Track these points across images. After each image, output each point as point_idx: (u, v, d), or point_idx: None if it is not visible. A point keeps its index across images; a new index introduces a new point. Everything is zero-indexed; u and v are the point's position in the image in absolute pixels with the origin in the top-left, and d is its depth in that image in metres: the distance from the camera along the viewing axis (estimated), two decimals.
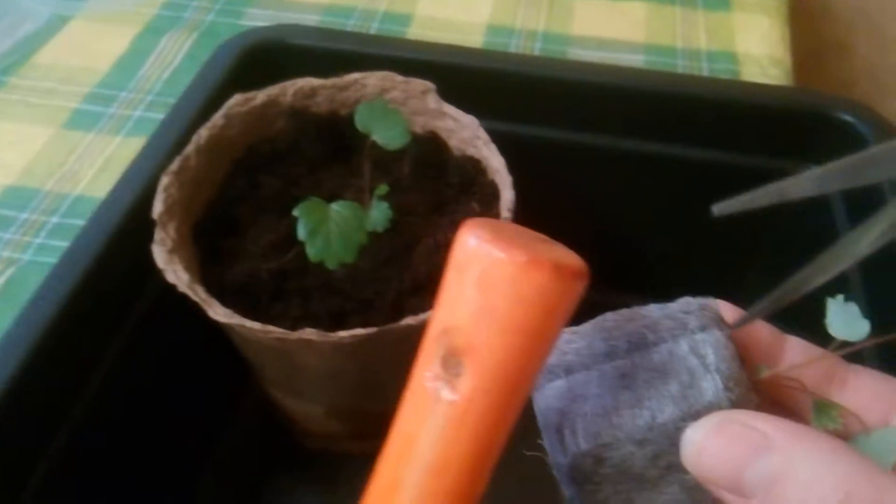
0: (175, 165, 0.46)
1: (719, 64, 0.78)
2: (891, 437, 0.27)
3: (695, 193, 0.54)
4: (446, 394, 0.24)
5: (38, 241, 0.61)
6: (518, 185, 0.46)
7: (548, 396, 0.27)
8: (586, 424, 0.26)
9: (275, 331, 0.40)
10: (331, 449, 0.53)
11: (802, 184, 0.28)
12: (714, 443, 0.24)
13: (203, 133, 0.48)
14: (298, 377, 0.46)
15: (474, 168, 0.49)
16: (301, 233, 0.38)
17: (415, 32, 0.79)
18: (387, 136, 0.43)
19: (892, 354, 0.35)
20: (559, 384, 0.27)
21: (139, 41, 0.79)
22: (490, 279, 0.23)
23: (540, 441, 0.29)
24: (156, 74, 0.76)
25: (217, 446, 0.53)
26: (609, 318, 0.28)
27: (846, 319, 0.28)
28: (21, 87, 0.75)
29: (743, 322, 0.28)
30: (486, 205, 0.47)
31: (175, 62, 0.77)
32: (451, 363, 0.24)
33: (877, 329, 0.28)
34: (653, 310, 0.28)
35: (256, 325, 0.40)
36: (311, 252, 0.38)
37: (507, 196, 0.45)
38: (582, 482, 0.26)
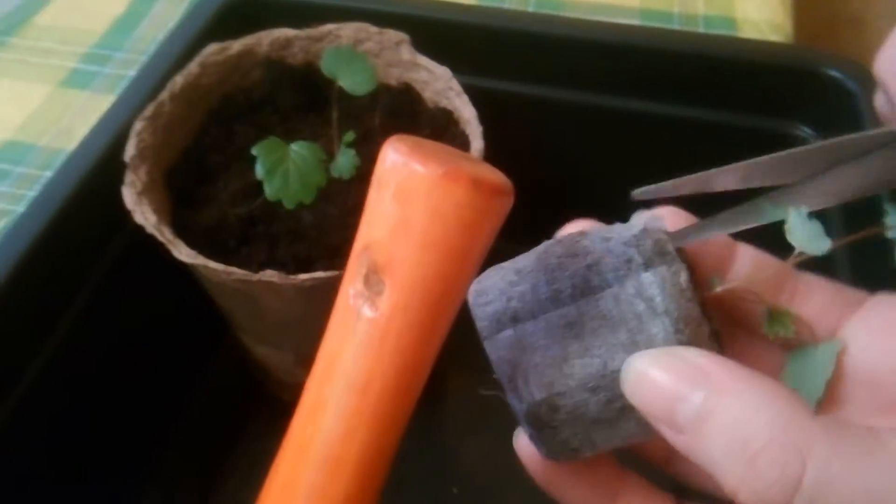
0: (149, 111, 0.46)
1: (717, 29, 0.76)
2: (829, 352, 0.27)
3: (678, 152, 0.54)
4: (367, 311, 0.24)
5: (31, 194, 0.62)
6: (491, 139, 0.45)
7: (498, 347, 0.27)
8: (538, 375, 0.26)
9: (237, 272, 0.40)
10: None
11: (726, 176, 0.28)
12: (652, 374, 0.24)
13: (178, 80, 0.48)
14: (265, 323, 0.46)
15: (446, 119, 0.48)
16: (259, 171, 0.38)
17: None
18: (353, 82, 0.42)
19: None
20: (507, 334, 0.27)
21: (136, 4, 0.80)
22: (407, 192, 0.23)
23: (496, 377, 0.29)
24: (150, 35, 0.77)
25: (193, 398, 0.53)
26: (552, 251, 0.28)
27: (808, 232, 0.27)
28: (20, 46, 0.76)
29: (686, 238, 0.28)
30: None
31: (170, 24, 0.77)
32: (373, 281, 0.24)
33: None
34: (596, 241, 0.27)
35: (219, 267, 0.40)
36: (269, 191, 0.38)
37: (477, 146, 0.45)
38: (540, 427, 0.26)
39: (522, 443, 0.29)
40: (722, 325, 0.28)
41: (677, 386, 0.23)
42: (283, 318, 0.44)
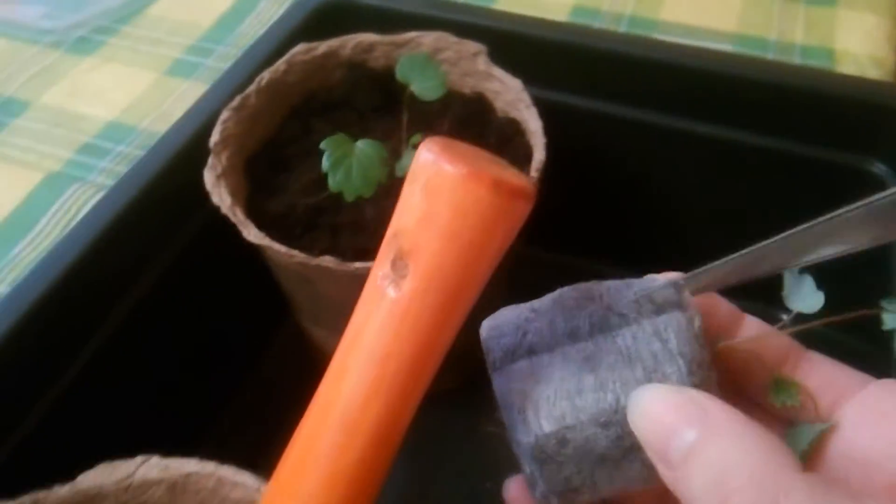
0: (235, 102, 0.50)
1: (814, 60, 0.74)
2: (815, 430, 0.28)
3: (747, 180, 0.55)
4: (391, 291, 0.27)
5: None
6: (557, 152, 0.47)
7: (511, 377, 0.28)
8: (550, 407, 0.27)
9: (298, 255, 0.43)
10: None
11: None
12: (656, 406, 0.25)
13: (265, 76, 0.51)
14: (322, 307, 0.49)
15: (513, 129, 0.51)
16: (325, 164, 0.41)
17: (500, 8, 0.81)
18: (424, 87, 0.45)
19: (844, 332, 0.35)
20: (522, 365, 0.28)
21: (241, 1, 0.84)
22: (434, 188, 0.25)
23: (498, 416, 0.31)
24: (252, 32, 0.81)
25: (250, 375, 0.56)
26: (568, 294, 0.29)
27: (802, 292, 0.29)
28: (132, 35, 0.82)
29: (699, 280, 0.29)
30: (518, 164, 0.48)
31: (271, 22, 0.81)
32: (399, 265, 0.27)
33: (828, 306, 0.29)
34: (612, 288, 0.29)
35: (283, 249, 0.43)
36: (332, 182, 0.41)
37: (538, 157, 0.47)
38: (544, 461, 0.27)
39: (513, 491, 0.30)
40: (724, 391, 0.28)
41: (675, 420, 0.24)
42: (339, 303, 0.47)
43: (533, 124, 0.49)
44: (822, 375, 0.29)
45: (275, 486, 0.29)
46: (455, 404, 0.57)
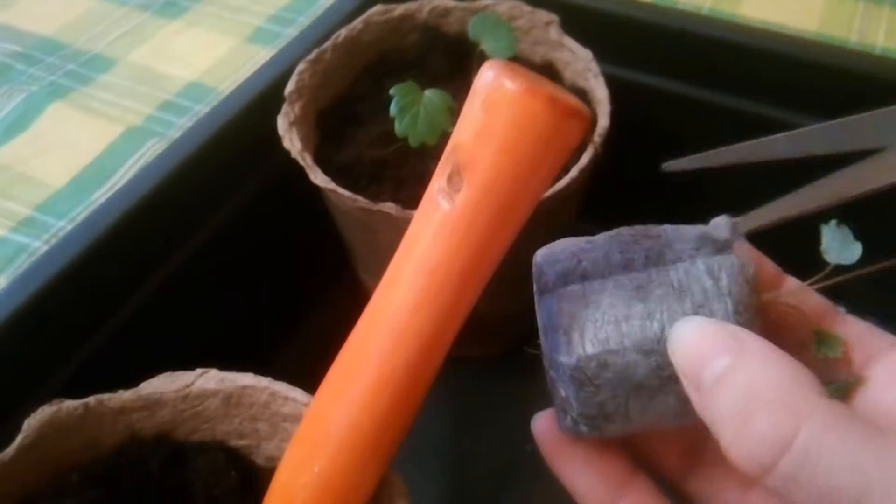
0: (312, 56, 0.52)
1: None
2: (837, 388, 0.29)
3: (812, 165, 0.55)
4: (444, 204, 0.28)
5: None
6: (620, 127, 0.48)
7: (561, 298, 0.28)
8: (596, 330, 0.27)
9: (360, 200, 0.45)
10: None
11: (765, 148, 0.29)
12: (693, 336, 0.26)
13: (342, 33, 0.53)
14: (381, 257, 0.50)
15: (579, 98, 0.52)
16: (392, 109, 0.43)
17: None
18: (494, 47, 0.46)
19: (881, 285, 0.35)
20: (574, 288, 0.28)
21: None
22: (493, 102, 0.27)
23: (537, 343, 0.31)
24: (331, 4, 0.83)
25: (304, 325, 0.58)
26: (625, 232, 0.30)
27: (840, 243, 0.29)
28: (217, 2, 0.85)
29: (755, 221, 0.29)
30: None
31: None
32: (455, 179, 0.28)
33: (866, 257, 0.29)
34: (669, 230, 0.29)
35: (346, 193, 0.45)
36: (398, 127, 0.43)
37: (603, 123, 0.48)
38: (582, 383, 0.28)
39: (540, 422, 0.32)
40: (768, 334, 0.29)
41: (711, 348, 0.25)
42: None
43: (599, 93, 0.50)
44: (854, 335, 0.30)
45: (325, 388, 0.31)
46: (498, 371, 0.58)
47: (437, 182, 0.28)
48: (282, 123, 0.48)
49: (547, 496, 0.52)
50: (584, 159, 0.46)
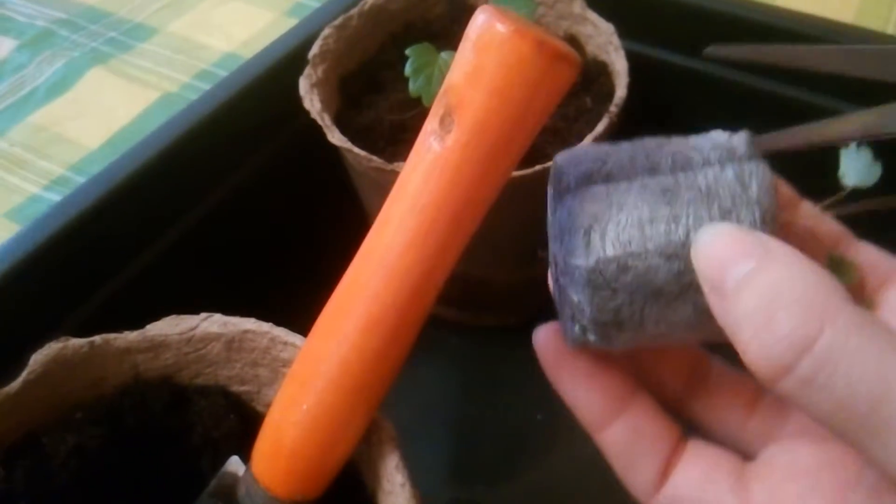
0: (338, 21, 0.53)
1: None
2: None
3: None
4: (435, 145, 0.28)
5: None
6: (641, 101, 0.48)
7: (584, 198, 0.27)
8: (618, 231, 0.26)
9: (375, 160, 0.45)
10: None
11: (819, 56, 0.29)
12: (719, 240, 0.25)
13: (369, 1, 0.54)
14: None
15: (599, 69, 0.52)
16: (407, 69, 0.43)
17: None
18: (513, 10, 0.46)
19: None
20: (598, 189, 0.27)
21: None
22: (484, 44, 0.27)
23: (544, 252, 0.32)
24: None
25: (319, 285, 0.58)
26: (650, 140, 0.29)
27: (859, 166, 0.29)
28: None
29: (774, 141, 0.29)
30: (599, 101, 0.50)
31: None
32: (446, 121, 0.28)
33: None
34: (696, 137, 0.28)
35: (362, 153, 0.46)
36: (412, 87, 0.43)
37: (620, 94, 0.48)
38: (598, 287, 0.27)
39: (542, 335, 0.31)
40: None
41: (737, 251, 0.24)
42: None
43: (619, 65, 0.50)
44: (868, 261, 0.29)
45: (317, 327, 0.32)
46: (512, 341, 0.58)
47: (430, 124, 0.28)
48: (303, 84, 0.49)
49: (557, 463, 0.52)
50: (600, 127, 0.46)
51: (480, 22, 0.27)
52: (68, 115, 0.71)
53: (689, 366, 0.32)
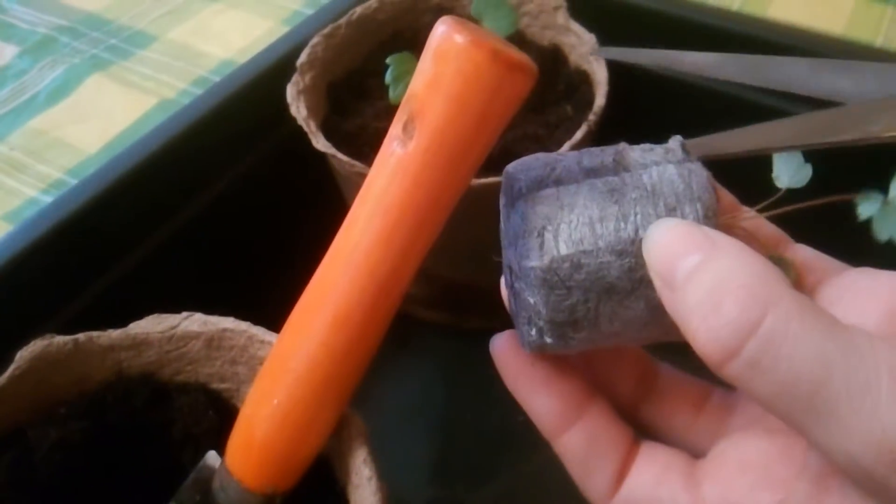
0: (326, 30, 0.54)
1: None
2: None
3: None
4: (398, 149, 0.29)
5: None
6: (623, 110, 0.49)
7: (536, 202, 0.28)
8: (570, 231, 0.27)
9: (358, 165, 0.46)
10: (405, 311, 0.59)
11: (696, 59, 0.30)
12: (667, 235, 0.26)
13: (357, 10, 0.56)
14: None
15: (581, 79, 0.53)
16: (388, 77, 0.44)
17: None
18: (496, 25, 0.48)
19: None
20: (549, 191, 0.28)
21: None
22: (442, 54, 0.28)
23: (497, 259, 0.32)
24: None
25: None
26: (595, 147, 0.30)
27: (791, 168, 0.30)
28: None
29: (704, 148, 0.30)
30: (580, 110, 0.51)
31: None
32: (409, 127, 0.29)
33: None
34: (638, 146, 0.30)
35: (345, 158, 0.47)
36: (392, 95, 0.45)
37: (599, 103, 0.49)
38: (553, 286, 0.27)
39: (499, 343, 0.32)
40: None
41: (685, 245, 0.25)
42: None
43: (600, 75, 0.51)
44: (805, 261, 0.31)
45: (288, 325, 0.33)
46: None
47: (394, 129, 0.29)
48: (290, 91, 0.50)
49: (537, 464, 0.53)
50: (578, 135, 0.47)
51: (440, 33, 0.28)
52: (68, 119, 0.72)
53: (638, 371, 0.33)
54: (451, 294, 0.53)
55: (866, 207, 0.29)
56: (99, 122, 0.72)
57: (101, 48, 0.80)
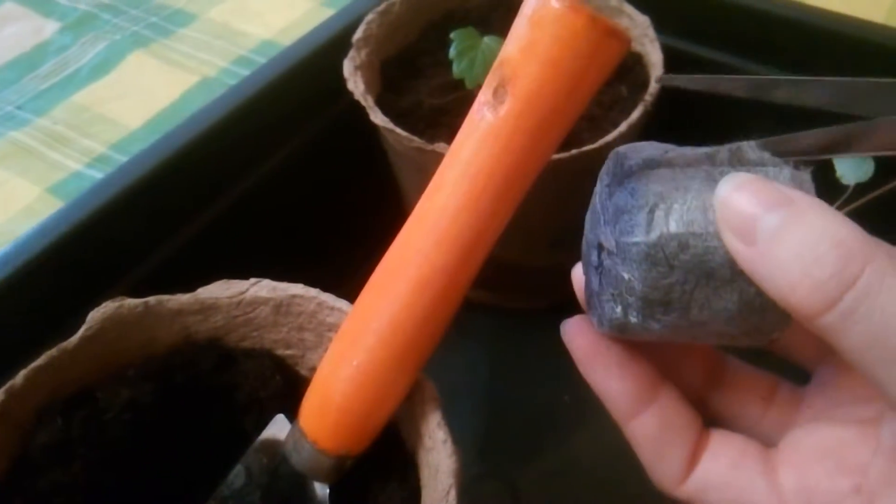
0: (381, 7, 0.55)
1: None
2: None
3: None
4: (489, 115, 0.30)
5: None
6: (673, 96, 0.49)
7: (650, 179, 0.28)
8: (682, 212, 0.27)
9: (416, 140, 0.47)
10: None
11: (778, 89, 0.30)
12: (741, 190, 0.26)
13: None
14: None
15: (634, 60, 0.53)
16: (451, 52, 0.45)
17: None
18: None
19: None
20: (664, 171, 0.28)
21: None
22: (539, 19, 0.29)
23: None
24: None
25: (354, 260, 0.60)
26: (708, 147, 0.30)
27: (854, 165, 0.30)
28: None
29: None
30: (634, 91, 0.51)
31: None
32: (500, 92, 0.30)
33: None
34: (751, 146, 0.29)
35: (403, 133, 0.47)
36: (456, 69, 0.45)
37: (655, 84, 0.50)
38: (656, 262, 0.27)
39: (572, 327, 0.32)
40: None
41: (764, 202, 0.25)
42: None
43: (654, 57, 0.52)
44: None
45: (369, 286, 0.33)
46: (541, 323, 0.60)
47: (483, 95, 0.30)
48: (348, 67, 0.51)
49: (583, 443, 0.54)
50: (635, 115, 0.48)
51: None
52: (110, 96, 0.73)
53: (708, 363, 0.34)
54: (497, 274, 0.53)
55: None
56: (141, 98, 0.73)
57: (142, 25, 0.80)
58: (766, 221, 0.25)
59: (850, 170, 0.31)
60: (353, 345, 0.33)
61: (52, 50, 0.78)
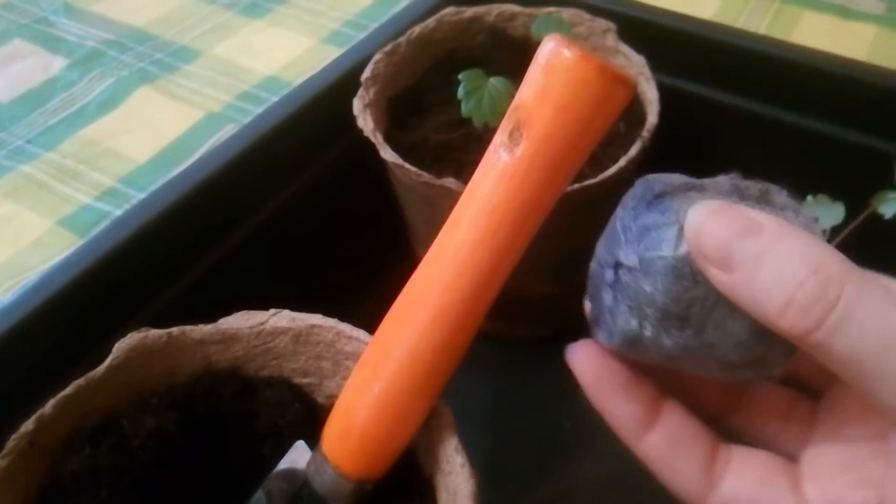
0: (387, 48, 0.57)
1: None
2: None
3: (850, 177, 0.58)
4: (505, 156, 0.32)
5: None
6: (669, 132, 0.51)
7: (681, 200, 0.29)
8: None
9: (424, 175, 0.49)
10: None
11: None
12: (714, 220, 0.28)
13: (415, 30, 0.58)
14: (439, 230, 0.54)
15: (631, 99, 0.55)
16: (460, 92, 0.47)
17: None
18: None
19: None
20: (695, 195, 0.30)
21: None
22: (552, 67, 0.31)
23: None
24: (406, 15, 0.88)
25: (361, 292, 0.62)
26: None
27: (825, 209, 0.33)
28: (299, 5, 0.90)
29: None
30: (631, 127, 0.53)
31: None
32: (515, 135, 0.32)
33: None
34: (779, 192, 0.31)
35: (412, 169, 0.49)
36: (464, 109, 0.47)
37: (652, 120, 0.52)
38: (680, 276, 0.28)
39: (578, 352, 0.33)
40: None
41: (735, 229, 0.27)
42: None
43: (650, 94, 0.54)
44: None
45: (389, 317, 0.35)
46: (543, 351, 0.61)
47: (499, 137, 0.32)
48: (357, 105, 0.53)
49: (585, 469, 0.55)
50: (633, 151, 0.50)
51: (549, 48, 0.31)
52: (118, 130, 0.75)
53: (726, 386, 0.35)
54: (501, 303, 0.55)
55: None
56: (148, 133, 0.75)
57: (148, 62, 0.82)
58: (742, 250, 0.27)
59: (824, 215, 0.33)
60: (375, 373, 0.35)
61: (60, 86, 0.80)
